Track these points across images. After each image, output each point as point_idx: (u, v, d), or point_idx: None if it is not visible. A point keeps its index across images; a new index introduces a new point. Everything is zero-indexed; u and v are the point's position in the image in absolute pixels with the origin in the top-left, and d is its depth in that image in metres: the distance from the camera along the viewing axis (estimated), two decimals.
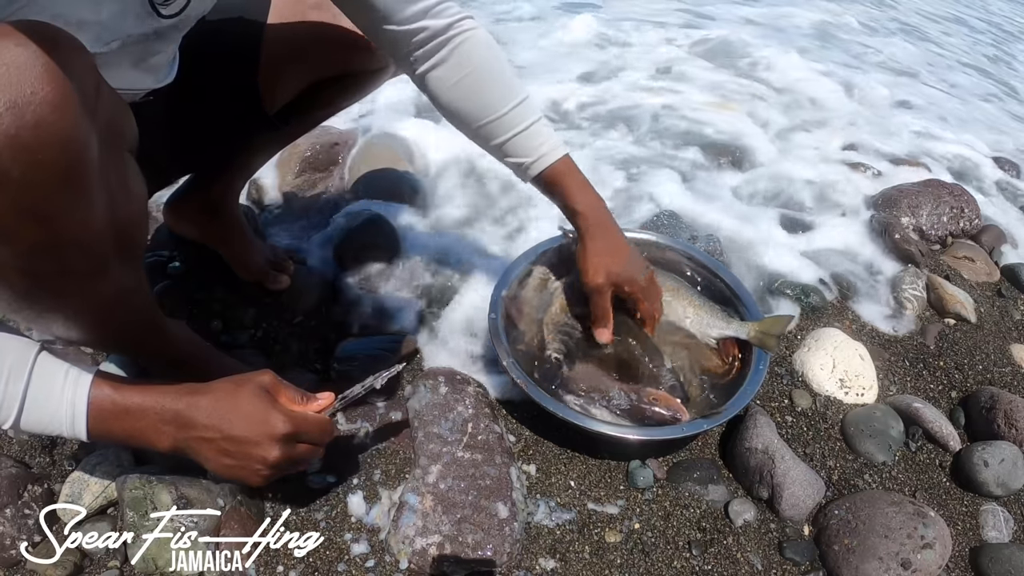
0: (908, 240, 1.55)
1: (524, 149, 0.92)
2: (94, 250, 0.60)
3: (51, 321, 0.67)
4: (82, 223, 0.57)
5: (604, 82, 2.43)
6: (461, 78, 0.87)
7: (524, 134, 0.91)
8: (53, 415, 0.65)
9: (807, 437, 1.12)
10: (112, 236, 0.62)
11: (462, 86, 0.88)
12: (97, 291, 0.65)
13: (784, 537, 0.99)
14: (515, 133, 0.91)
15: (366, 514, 0.92)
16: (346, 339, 1.16)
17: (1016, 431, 1.14)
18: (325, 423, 0.78)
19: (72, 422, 0.66)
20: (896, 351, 1.34)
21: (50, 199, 0.53)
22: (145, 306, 0.79)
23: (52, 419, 0.66)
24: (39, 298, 0.62)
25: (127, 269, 0.67)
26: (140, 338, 0.81)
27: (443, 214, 1.56)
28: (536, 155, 0.93)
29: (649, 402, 0.99)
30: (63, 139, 0.51)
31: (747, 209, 1.69)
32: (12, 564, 0.83)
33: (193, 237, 1.22)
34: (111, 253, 0.63)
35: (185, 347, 0.90)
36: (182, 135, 0.95)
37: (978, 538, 1.04)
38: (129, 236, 0.65)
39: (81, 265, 0.60)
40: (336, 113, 1.19)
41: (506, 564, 0.88)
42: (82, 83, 0.54)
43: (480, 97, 0.89)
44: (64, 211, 0.55)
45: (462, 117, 0.91)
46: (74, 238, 0.57)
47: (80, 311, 0.67)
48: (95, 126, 0.56)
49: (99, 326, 0.71)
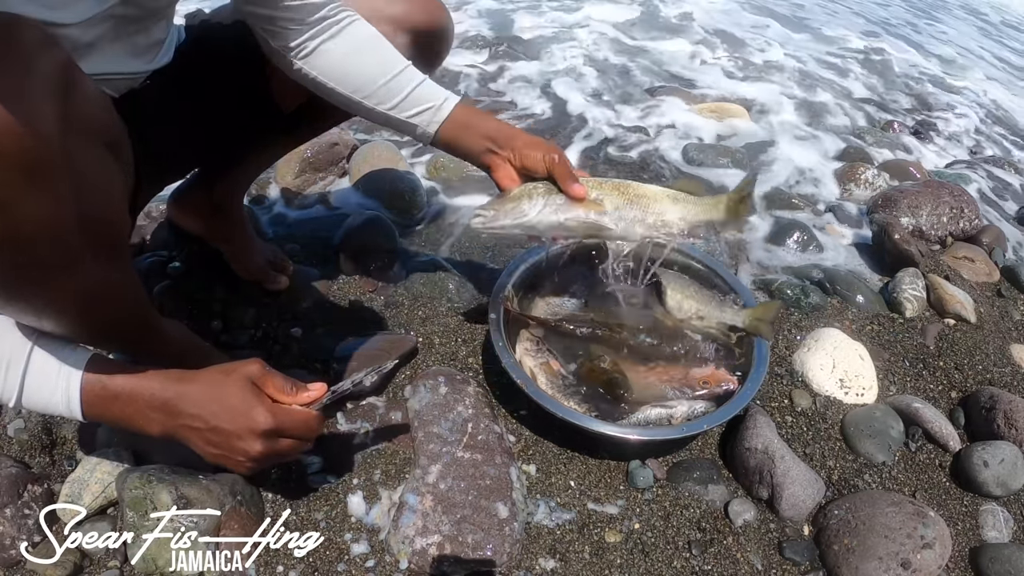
0: (908, 240, 1.55)
1: (428, 96, 0.94)
2: (62, 243, 0.59)
3: (31, 314, 0.67)
4: (44, 215, 0.56)
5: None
6: (352, 50, 0.91)
7: (421, 86, 0.94)
8: (49, 400, 0.69)
9: (807, 437, 1.12)
10: (82, 230, 0.60)
11: (353, 56, 0.92)
12: (71, 285, 0.64)
13: (784, 537, 0.99)
14: (413, 88, 0.93)
15: (366, 514, 0.92)
16: (345, 338, 1.16)
17: (1016, 431, 1.14)
18: (309, 419, 0.78)
19: (68, 405, 0.69)
20: (896, 351, 1.34)
21: (6, 189, 0.52)
22: (136, 304, 0.78)
23: (49, 403, 0.69)
24: (13, 291, 0.62)
25: (105, 264, 0.66)
26: (132, 336, 0.81)
27: (443, 214, 1.56)
28: (441, 98, 0.95)
29: (700, 386, 1.04)
30: (18, 128, 0.51)
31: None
32: (12, 564, 0.83)
33: (195, 232, 1.22)
34: (83, 247, 0.62)
35: (181, 347, 0.90)
36: (190, 130, 0.95)
37: (978, 538, 1.04)
38: (103, 230, 0.64)
39: (51, 258, 0.59)
40: (348, 119, 1.20)
41: (506, 564, 0.88)
42: (45, 72, 0.54)
43: (373, 66, 0.92)
44: (23, 201, 0.54)
45: (356, 85, 0.92)
46: (36, 230, 0.56)
47: (56, 305, 0.66)
48: (64, 117, 0.55)
49: (80, 321, 0.70)
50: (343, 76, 0.91)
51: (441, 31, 1.06)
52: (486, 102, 2.23)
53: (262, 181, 1.59)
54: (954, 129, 2.70)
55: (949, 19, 4.66)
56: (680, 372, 1.08)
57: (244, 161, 1.16)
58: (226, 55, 0.95)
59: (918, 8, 4.69)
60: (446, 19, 1.07)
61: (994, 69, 3.74)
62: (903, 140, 2.36)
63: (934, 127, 2.63)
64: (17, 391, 0.67)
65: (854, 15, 4.18)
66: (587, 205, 0.95)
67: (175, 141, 0.93)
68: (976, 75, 3.44)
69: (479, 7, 3.12)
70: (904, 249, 1.53)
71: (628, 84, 2.55)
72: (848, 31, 3.74)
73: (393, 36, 0.97)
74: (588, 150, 1.98)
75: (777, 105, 2.61)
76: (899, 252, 1.53)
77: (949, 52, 3.76)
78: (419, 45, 1.02)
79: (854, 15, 4.18)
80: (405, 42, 0.99)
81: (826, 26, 3.78)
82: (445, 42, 1.09)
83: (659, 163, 1.89)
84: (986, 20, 4.85)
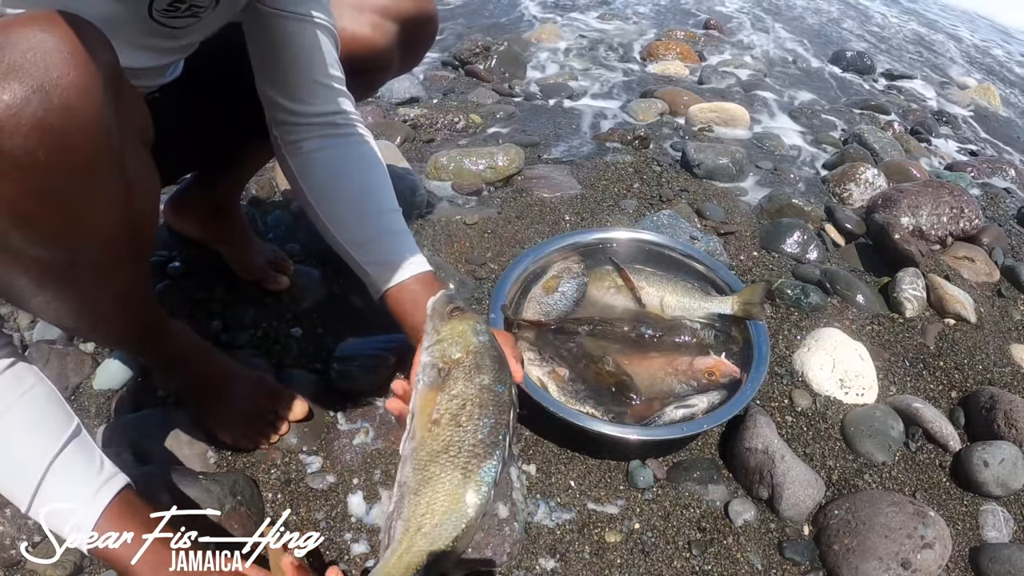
0: (908, 240, 1.55)
1: (395, 251, 0.85)
2: (109, 243, 0.60)
3: (57, 312, 0.67)
4: (102, 213, 0.57)
5: None
6: (340, 168, 0.85)
7: (395, 237, 0.86)
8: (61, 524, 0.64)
9: (807, 437, 1.12)
10: (127, 230, 0.61)
11: (338, 176, 0.86)
12: (107, 286, 0.65)
13: (784, 537, 0.99)
14: (386, 233, 0.85)
15: (366, 514, 0.92)
16: (345, 338, 1.16)
17: (1016, 431, 1.14)
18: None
19: (79, 533, 0.65)
20: (896, 351, 1.34)
21: (74, 185, 0.52)
22: (149, 303, 0.79)
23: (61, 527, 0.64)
24: (49, 289, 0.62)
25: (136, 265, 0.67)
26: (143, 334, 0.81)
27: (442, 213, 1.56)
28: (406, 260, 0.85)
29: (705, 378, 1.05)
30: (89, 125, 0.51)
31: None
32: (12, 564, 0.83)
33: (194, 235, 1.22)
34: (123, 247, 0.63)
35: (185, 346, 0.91)
36: (190, 133, 0.95)
37: (978, 538, 1.04)
38: (142, 231, 0.65)
39: (94, 258, 0.60)
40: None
41: (506, 564, 0.88)
42: (106, 71, 0.54)
43: (353, 191, 0.85)
44: (86, 199, 0.54)
45: (329, 203, 0.85)
46: (92, 228, 0.57)
47: (87, 304, 0.66)
48: (118, 116, 0.56)
49: (104, 321, 0.71)
50: (320, 188, 0.86)
51: (428, 19, 1.05)
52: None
53: (262, 181, 1.59)
54: (954, 129, 2.71)
55: (950, 20, 4.67)
56: (684, 363, 1.08)
57: (243, 162, 1.16)
58: (227, 60, 0.95)
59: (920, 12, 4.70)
60: (432, 8, 1.05)
61: (995, 70, 3.74)
62: (903, 140, 2.36)
63: (934, 127, 2.63)
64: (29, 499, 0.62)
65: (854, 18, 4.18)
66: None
67: (177, 145, 0.93)
68: (976, 75, 3.44)
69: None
70: (904, 249, 1.53)
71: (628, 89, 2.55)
72: (848, 31, 3.75)
73: (381, 24, 0.96)
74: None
75: (777, 105, 2.61)
76: (899, 252, 1.53)
77: (949, 52, 3.77)
78: (406, 33, 1.01)
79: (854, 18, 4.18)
80: (393, 30, 0.98)
81: (826, 27, 3.79)
82: (431, 30, 1.08)
83: (656, 165, 1.89)
84: (990, 24, 4.86)
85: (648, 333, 1.13)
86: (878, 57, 3.48)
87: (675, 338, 1.14)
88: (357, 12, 0.94)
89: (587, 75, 2.74)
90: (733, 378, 1.05)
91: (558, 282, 1.20)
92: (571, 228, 1.54)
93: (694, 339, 1.14)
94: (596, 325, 1.13)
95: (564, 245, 1.28)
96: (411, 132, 1.96)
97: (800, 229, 1.60)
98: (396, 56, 1.03)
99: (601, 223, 1.57)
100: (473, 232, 1.50)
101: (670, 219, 1.56)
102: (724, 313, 1.15)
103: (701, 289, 1.20)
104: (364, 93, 1.16)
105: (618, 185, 1.76)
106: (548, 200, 1.64)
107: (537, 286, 1.21)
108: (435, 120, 2.04)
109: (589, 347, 1.11)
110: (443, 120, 2.05)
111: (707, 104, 2.31)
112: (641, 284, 1.20)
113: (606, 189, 1.73)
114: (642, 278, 1.22)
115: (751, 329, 1.13)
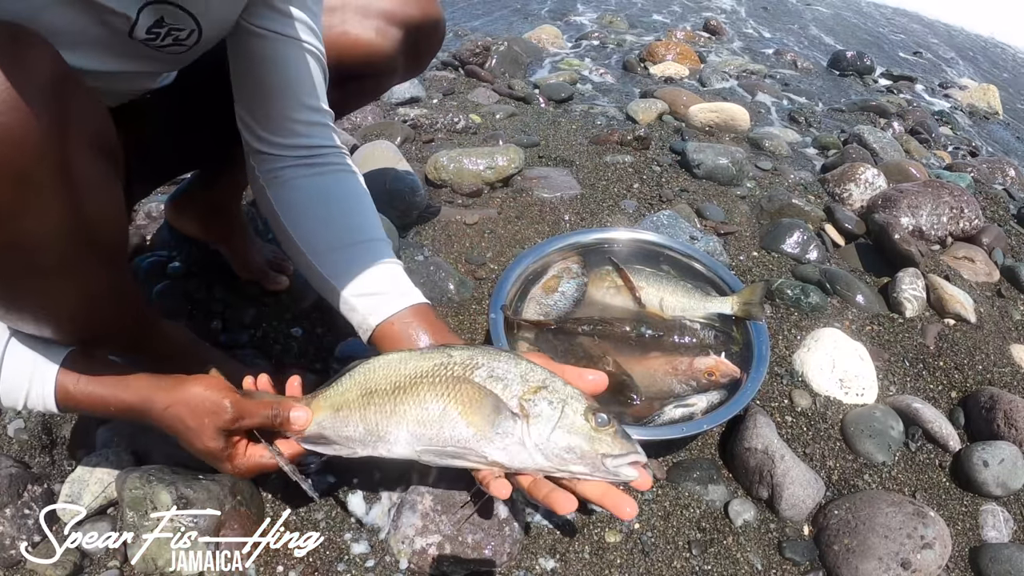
0: (908, 240, 1.55)
1: (384, 282, 0.82)
2: (62, 250, 0.59)
3: (31, 322, 0.67)
4: (41, 221, 0.56)
5: None
6: (321, 197, 0.82)
7: (384, 265, 0.83)
8: (24, 397, 0.70)
9: (807, 437, 1.12)
10: (82, 236, 0.60)
11: (327, 205, 0.83)
12: (71, 291, 0.64)
13: (784, 537, 0.99)
14: (373, 265, 0.81)
15: (366, 514, 0.92)
16: (346, 338, 1.16)
17: (1016, 431, 1.14)
18: (274, 404, 0.75)
19: (43, 404, 0.70)
20: (896, 351, 1.34)
21: (4, 197, 0.52)
22: (133, 307, 0.78)
23: (18, 396, 0.70)
24: (15, 299, 0.61)
25: (104, 269, 0.66)
26: (128, 339, 0.80)
27: (442, 213, 1.56)
28: (397, 290, 0.82)
29: (705, 378, 1.05)
30: (16, 136, 0.50)
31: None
32: (12, 564, 0.83)
33: (194, 234, 1.22)
34: (82, 253, 0.62)
35: (178, 349, 0.90)
36: (189, 132, 0.95)
37: (978, 538, 1.04)
38: (102, 235, 0.64)
39: (49, 263, 0.59)
40: (344, 116, 1.19)
41: (506, 564, 0.88)
42: (41, 79, 0.53)
43: (337, 219, 0.83)
44: (20, 209, 0.53)
45: (309, 235, 0.82)
46: (34, 236, 0.56)
47: (57, 311, 0.66)
48: (61, 121, 0.55)
49: (79, 326, 0.70)
50: (298, 219, 0.82)
51: (433, 26, 1.04)
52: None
53: None
54: (954, 129, 2.71)
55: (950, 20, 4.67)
56: (683, 363, 1.08)
57: (241, 163, 1.16)
58: (224, 61, 0.95)
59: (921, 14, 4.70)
60: (439, 14, 1.05)
61: (995, 71, 3.74)
62: (903, 140, 2.36)
63: (934, 128, 2.63)
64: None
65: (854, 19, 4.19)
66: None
67: (174, 146, 0.92)
68: (977, 75, 3.44)
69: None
70: (904, 249, 1.53)
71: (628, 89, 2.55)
72: (849, 31, 3.75)
73: (386, 29, 0.95)
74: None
75: (777, 106, 2.61)
76: (899, 252, 1.53)
77: (950, 53, 3.77)
78: (411, 39, 1.01)
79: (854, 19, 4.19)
80: (398, 36, 0.98)
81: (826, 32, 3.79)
82: (437, 37, 1.08)
83: (656, 165, 1.89)
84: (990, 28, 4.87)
85: (648, 333, 1.13)
86: (878, 57, 3.48)
87: (675, 338, 1.14)
88: (362, 16, 0.93)
89: (587, 75, 2.74)
90: (733, 378, 1.05)
91: (558, 282, 1.20)
92: (571, 228, 1.54)
93: (694, 339, 1.14)
94: (596, 325, 1.13)
95: (564, 245, 1.28)
96: (411, 132, 1.96)
97: (800, 229, 1.60)
98: (400, 62, 1.03)
99: (601, 223, 1.58)
100: (473, 232, 1.50)
101: (670, 219, 1.56)
102: (724, 313, 1.16)
103: (701, 289, 1.20)
104: (367, 98, 1.15)
105: (618, 185, 1.76)
106: (548, 200, 1.65)
107: (537, 286, 1.22)
108: (435, 120, 2.04)
109: (589, 347, 1.11)
110: (443, 120, 2.05)
111: (707, 104, 2.31)
112: (641, 284, 1.20)
113: (606, 189, 1.73)
114: (642, 278, 1.22)
115: (751, 329, 1.13)
